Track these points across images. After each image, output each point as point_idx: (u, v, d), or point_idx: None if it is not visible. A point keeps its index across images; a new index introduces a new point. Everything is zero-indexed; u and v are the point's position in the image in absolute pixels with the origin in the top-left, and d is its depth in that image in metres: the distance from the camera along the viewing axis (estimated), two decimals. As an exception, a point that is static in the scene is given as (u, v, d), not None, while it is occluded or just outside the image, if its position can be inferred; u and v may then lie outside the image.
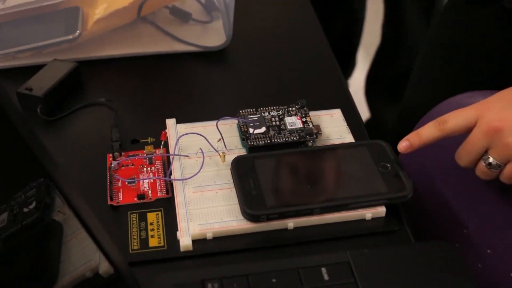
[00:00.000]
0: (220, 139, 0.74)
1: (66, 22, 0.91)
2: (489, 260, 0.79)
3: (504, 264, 0.77)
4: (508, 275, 0.76)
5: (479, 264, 0.79)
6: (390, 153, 0.72)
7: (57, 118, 0.81)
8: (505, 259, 0.77)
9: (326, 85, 0.89)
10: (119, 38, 0.93)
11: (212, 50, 0.94)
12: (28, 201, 0.51)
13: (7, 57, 0.89)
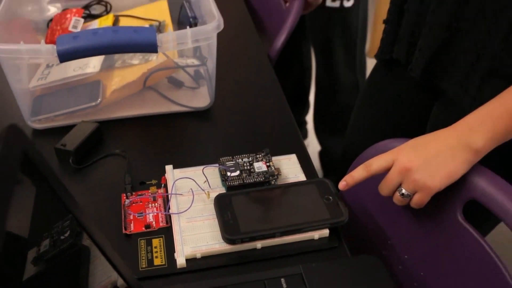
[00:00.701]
0: (205, 181, 0.75)
1: (90, 92, 0.91)
2: (407, 263, 0.80)
3: (417, 266, 0.79)
4: (419, 274, 0.78)
5: (399, 266, 0.81)
6: (332, 188, 0.73)
7: (84, 166, 0.81)
8: (417, 262, 0.79)
9: (285, 136, 0.88)
10: (129, 103, 0.93)
11: (200, 110, 0.93)
12: (64, 230, 0.53)
13: (48, 120, 0.89)
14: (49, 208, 0.50)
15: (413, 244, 0.79)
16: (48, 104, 0.91)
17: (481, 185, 0.70)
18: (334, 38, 1.59)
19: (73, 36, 0.77)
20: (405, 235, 0.80)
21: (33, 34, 1.11)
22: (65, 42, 0.76)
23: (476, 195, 0.71)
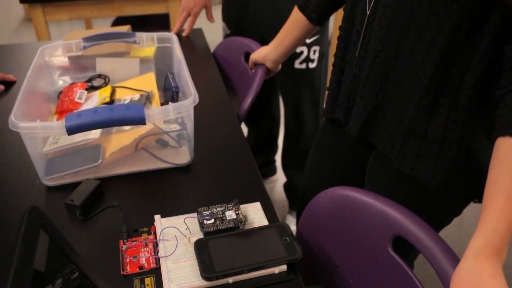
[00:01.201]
0: (186, 228, 0.78)
1: (92, 154, 0.93)
2: (353, 286, 0.84)
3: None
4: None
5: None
6: (288, 230, 0.75)
7: (89, 218, 0.83)
8: (361, 285, 0.83)
9: (251, 186, 0.90)
10: (125, 162, 0.94)
11: (182, 166, 0.95)
12: (74, 271, 0.56)
13: (59, 178, 0.90)
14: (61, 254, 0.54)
15: (357, 271, 0.82)
16: (58, 165, 0.93)
17: (405, 225, 0.74)
18: (301, 93, 1.60)
19: (77, 114, 0.80)
20: (349, 264, 0.83)
21: (46, 104, 1.13)
22: (72, 119, 0.79)
23: (401, 233, 0.75)
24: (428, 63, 0.74)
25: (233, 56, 1.43)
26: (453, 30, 0.70)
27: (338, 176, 1.05)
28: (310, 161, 1.14)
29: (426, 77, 0.75)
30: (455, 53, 0.72)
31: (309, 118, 1.66)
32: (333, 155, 1.05)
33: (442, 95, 0.76)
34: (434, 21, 0.71)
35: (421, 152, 0.80)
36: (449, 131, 0.78)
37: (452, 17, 0.69)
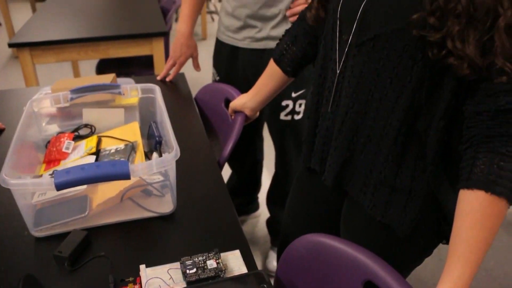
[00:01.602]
0: (170, 277, 0.81)
1: (80, 205, 0.96)
2: None
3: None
4: None
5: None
6: (266, 278, 0.79)
7: (76, 268, 0.85)
8: None
9: (231, 234, 0.93)
10: (111, 212, 0.97)
11: (166, 215, 0.99)
12: None
13: (46, 229, 0.93)
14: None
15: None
16: (47, 216, 0.96)
17: (374, 270, 0.79)
18: (287, 141, 1.66)
19: (66, 171, 0.84)
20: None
21: (35, 153, 1.17)
22: (60, 176, 0.83)
23: (371, 278, 0.79)
24: (394, 119, 0.80)
25: (213, 101, 1.49)
26: (414, 90, 0.76)
27: (315, 221, 1.10)
28: (288, 204, 1.19)
29: (393, 132, 0.81)
30: (418, 110, 0.79)
31: (296, 164, 1.70)
32: (310, 200, 1.10)
33: (409, 148, 0.82)
34: (397, 82, 0.77)
35: (391, 200, 0.86)
36: (416, 181, 0.84)
37: (413, 78, 0.76)
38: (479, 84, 0.72)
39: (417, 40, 0.73)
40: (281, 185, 1.82)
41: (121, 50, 2.37)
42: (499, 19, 0.65)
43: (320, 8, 0.93)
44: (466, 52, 0.68)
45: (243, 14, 1.48)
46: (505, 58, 0.67)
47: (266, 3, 1.42)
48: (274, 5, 1.42)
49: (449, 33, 0.68)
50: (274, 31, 1.45)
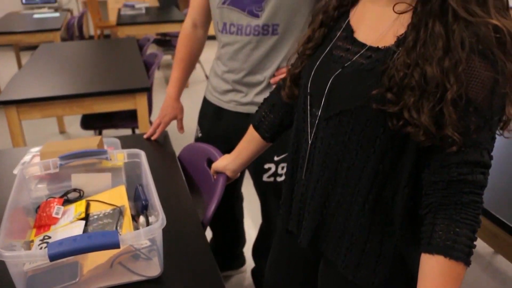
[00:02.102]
0: None
1: (70, 272, 1.00)
2: None
3: None
4: None
5: None
6: None
7: None
8: None
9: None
10: (100, 277, 1.01)
11: (154, 278, 1.03)
12: None
13: None
14: None
15: None
16: (38, 283, 1.00)
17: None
18: (270, 201, 1.71)
19: (59, 242, 0.89)
20: None
21: (24, 218, 1.21)
22: (54, 247, 0.88)
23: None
24: (362, 187, 0.88)
25: (196, 161, 1.56)
26: (379, 160, 0.85)
27: (294, 278, 1.15)
28: (269, 262, 1.25)
29: (361, 199, 0.89)
30: (383, 178, 0.86)
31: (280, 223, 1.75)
32: (289, 259, 1.16)
33: (377, 214, 0.89)
34: (362, 153, 0.86)
35: (361, 262, 0.92)
36: (385, 245, 0.90)
37: (376, 150, 0.84)
38: (434, 155, 0.80)
39: (378, 114, 0.81)
40: (266, 239, 1.86)
41: (105, 105, 2.44)
42: (447, 92, 0.74)
43: (293, 86, 1.02)
44: (421, 121, 0.76)
45: (230, 79, 1.57)
46: (453, 128, 0.75)
47: (252, 71, 1.52)
48: (259, 73, 1.51)
49: (406, 104, 0.77)
50: (258, 97, 1.54)
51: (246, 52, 1.50)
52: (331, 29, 0.96)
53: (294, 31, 1.47)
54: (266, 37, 1.46)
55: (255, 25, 1.45)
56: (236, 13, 1.47)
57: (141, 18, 5.07)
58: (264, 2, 1.41)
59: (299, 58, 1.01)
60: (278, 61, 1.50)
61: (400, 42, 0.80)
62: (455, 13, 0.75)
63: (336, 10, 0.96)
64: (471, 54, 0.74)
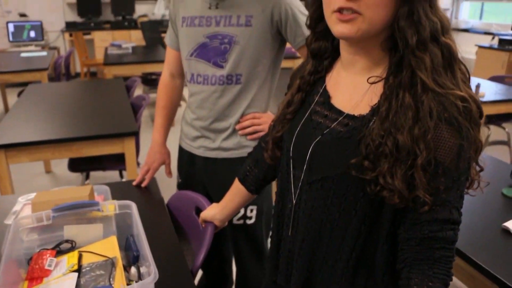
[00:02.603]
0: None
1: None
2: None
3: None
4: None
5: None
6: None
7: None
8: None
9: None
10: None
11: None
12: None
13: None
14: None
15: None
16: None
17: None
18: (241, 246, 1.74)
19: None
20: None
21: (17, 270, 1.23)
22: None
23: None
24: (345, 246, 0.93)
25: (184, 208, 1.61)
26: (360, 221, 0.91)
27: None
28: None
29: (345, 256, 0.94)
30: (365, 237, 0.92)
31: (253, 269, 1.78)
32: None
33: (360, 269, 0.94)
34: (344, 215, 0.92)
35: None
36: None
37: (357, 212, 0.90)
38: (408, 214, 0.87)
39: (358, 180, 0.88)
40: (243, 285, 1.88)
41: (94, 149, 2.49)
42: (417, 158, 0.82)
43: (275, 149, 1.09)
44: (395, 186, 0.83)
45: (199, 125, 1.67)
46: (424, 191, 0.82)
47: (218, 118, 1.62)
48: (225, 120, 1.62)
49: (381, 171, 0.84)
50: (225, 143, 1.64)
51: (212, 101, 1.61)
52: (308, 93, 1.03)
53: (256, 80, 1.59)
54: (230, 86, 1.58)
55: (220, 75, 1.57)
56: (202, 64, 1.59)
57: (128, 57, 5.17)
58: (228, 54, 1.54)
59: (280, 122, 1.07)
60: (242, 108, 1.61)
61: (375, 111, 0.88)
62: (424, 85, 0.82)
63: (311, 75, 1.03)
64: (438, 122, 0.81)
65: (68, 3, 7.55)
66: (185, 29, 1.61)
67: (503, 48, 6.03)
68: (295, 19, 1.53)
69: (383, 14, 0.83)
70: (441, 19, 0.83)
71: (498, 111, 3.74)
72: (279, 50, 1.63)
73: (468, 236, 1.49)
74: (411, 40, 0.82)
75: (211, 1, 1.55)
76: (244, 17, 1.51)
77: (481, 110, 0.85)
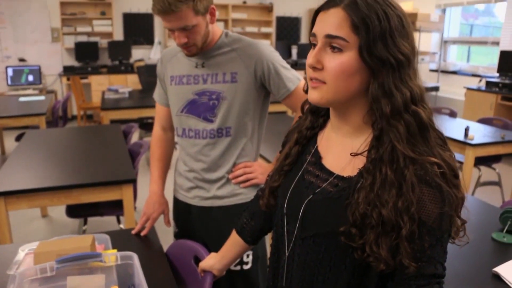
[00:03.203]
0: None
1: None
2: None
3: None
4: None
5: None
6: None
7: None
8: None
9: None
10: None
11: None
12: None
13: None
14: None
15: None
16: None
17: None
18: None
19: None
20: None
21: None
22: None
23: None
24: None
25: (183, 258, 1.65)
26: (349, 275, 0.96)
27: None
28: None
29: None
30: None
31: None
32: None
33: None
34: (334, 269, 0.97)
35: None
36: None
37: (347, 266, 0.95)
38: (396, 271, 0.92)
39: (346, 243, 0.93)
40: None
41: (92, 196, 2.53)
42: (402, 230, 0.87)
43: (271, 198, 1.15)
44: (381, 255, 0.88)
45: (192, 177, 1.75)
46: (409, 258, 0.88)
47: (210, 169, 1.71)
48: (217, 170, 1.71)
49: (367, 240, 0.89)
50: (219, 192, 1.72)
51: (204, 153, 1.70)
52: (304, 148, 1.10)
53: (245, 131, 1.69)
54: (221, 139, 1.68)
55: (210, 129, 1.67)
56: (193, 120, 1.69)
57: (125, 102, 5.27)
58: (216, 109, 1.65)
59: (278, 173, 1.13)
60: (233, 159, 1.70)
61: (362, 174, 0.94)
62: (404, 158, 0.89)
63: (308, 130, 1.10)
64: (421, 185, 0.87)
65: (67, 48, 7.72)
66: (174, 88, 1.72)
67: (490, 90, 6.19)
68: (277, 73, 1.64)
69: (346, 85, 0.90)
70: (411, 89, 0.90)
71: (488, 153, 3.83)
72: (264, 101, 1.74)
73: (459, 281, 1.53)
74: (385, 109, 0.89)
75: (197, 60, 1.66)
76: (229, 74, 1.63)
77: (456, 171, 0.90)
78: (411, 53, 0.91)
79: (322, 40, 0.91)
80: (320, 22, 0.92)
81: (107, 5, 7.74)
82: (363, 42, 0.88)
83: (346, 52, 0.89)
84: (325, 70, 0.91)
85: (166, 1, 1.43)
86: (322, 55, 0.91)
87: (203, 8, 1.52)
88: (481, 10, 7.63)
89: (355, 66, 0.89)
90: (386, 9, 0.89)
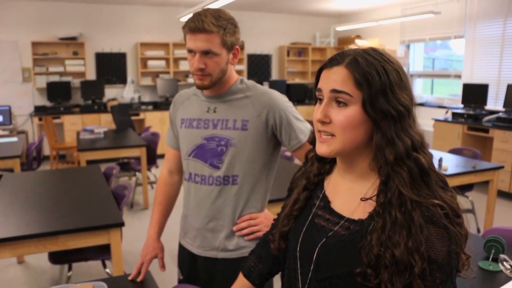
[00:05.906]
0: None
1: None
2: None
3: None
4: None
5: None
6: None
7: None
8: None
9: None
10: None
11: None
12: None
13: None
14: None
15: None
16: None
17: None
18: None
19: None
20: None
21: None
22: None
23: None
24: None
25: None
26: None
27: None
28: None
29: None
30: None
31: None
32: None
33: None
34: None
35: None
36: None
37: None
38: None
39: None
40: None
41: (80, 241, 2.47)
42: (414, 268, 0.91)
43: (281, 242, 1.17)
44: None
45: (196, 225, 1.72)
46: None
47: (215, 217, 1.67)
48: (221, 219, 1.66)
49: (382, 279, 0.93)
50: (223, 244, 1.68)
51: (209, 200, 1.66)
52: (311, 193, 1.14)
53: (252, 181, 1.65)
54: (227, 187, 1.64)
55: (216, 176, 1.64)
56: (199, 165, 1.66)
57: (101, 142, 5.22)
58: (224, 156, 1.62)
59: (287, 217, 1.16)
60: (239, 209, 1.66)
61: (373, 217, 0.98)
62: (411, 202, 0.94)
63: (316, 176, 1.14)
64: (428, 225, 0.92)
65: (38, 88, 7.63)
66: (184, 130, 1.71)
67: (457, 121, 6.42)
68: (289, 123, 1.63)
69: (352, 136, 0.97)
70: (412, 137, 0.97)
71: (461, 182, 3.96)
72: (274, 151, 1.71)
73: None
74: (389, 157, 0.95)
75: (210, 105, 1.66)
76: (240, 121, 1.61)
77: (457, 211, 0.96)
78: (410, 104, 0.99)
79: (328, 95, 0.98)
80: (325, 79, 1.00)
81: (79, 45, 7.73)
82: (366, 97, 0.95)
83: (351, 106, 0.96)
84: (333, 123, 0.98)
85: (201, 20, 1.47)
86: (328, 110, 0.99)
87: (230, 42, 1.54)
88: (439, 43, 7.98)
89: (360, 119, 0.97)
90: (384, 65, 0.97)
